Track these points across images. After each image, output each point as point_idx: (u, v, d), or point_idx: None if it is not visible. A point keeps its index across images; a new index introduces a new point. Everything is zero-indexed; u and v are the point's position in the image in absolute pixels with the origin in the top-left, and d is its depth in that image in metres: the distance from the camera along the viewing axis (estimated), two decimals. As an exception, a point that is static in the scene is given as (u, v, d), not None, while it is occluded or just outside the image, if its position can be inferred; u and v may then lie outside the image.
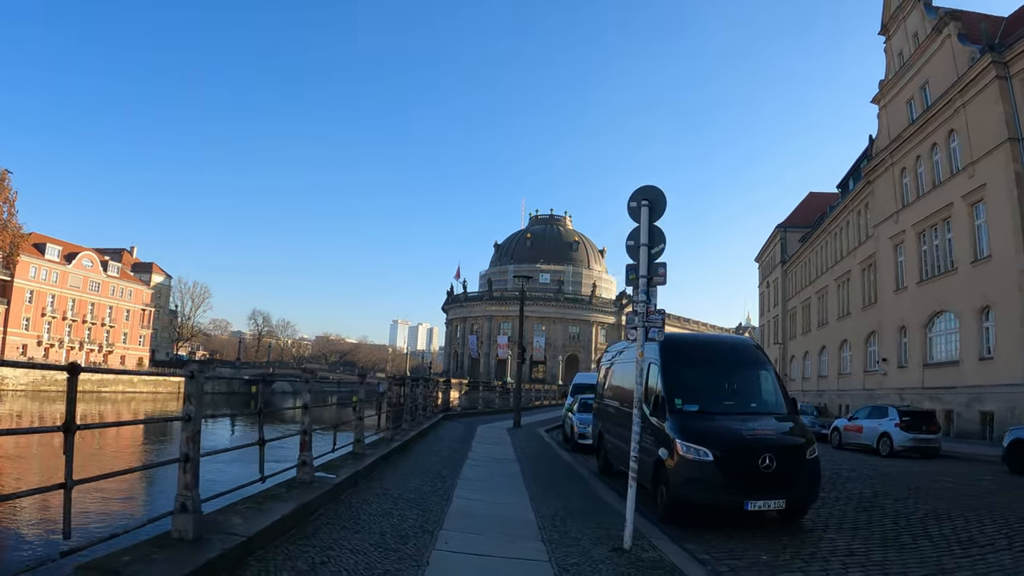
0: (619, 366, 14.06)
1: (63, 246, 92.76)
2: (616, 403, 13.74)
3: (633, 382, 13.30)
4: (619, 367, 14.06)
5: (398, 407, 17.00)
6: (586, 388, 29.24)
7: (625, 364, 13.48)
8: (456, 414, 26.23)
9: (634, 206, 8.21)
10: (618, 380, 13.96)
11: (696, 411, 10.45)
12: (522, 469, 13.63)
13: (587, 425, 19.14)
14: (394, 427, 15.76)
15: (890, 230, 37.45)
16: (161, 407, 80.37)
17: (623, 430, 12.88)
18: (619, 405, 13.45)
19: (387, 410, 13.83)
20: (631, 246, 8.18)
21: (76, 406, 4.16)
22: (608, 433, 14.21)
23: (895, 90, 38.10)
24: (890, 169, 37.86)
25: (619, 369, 14.00)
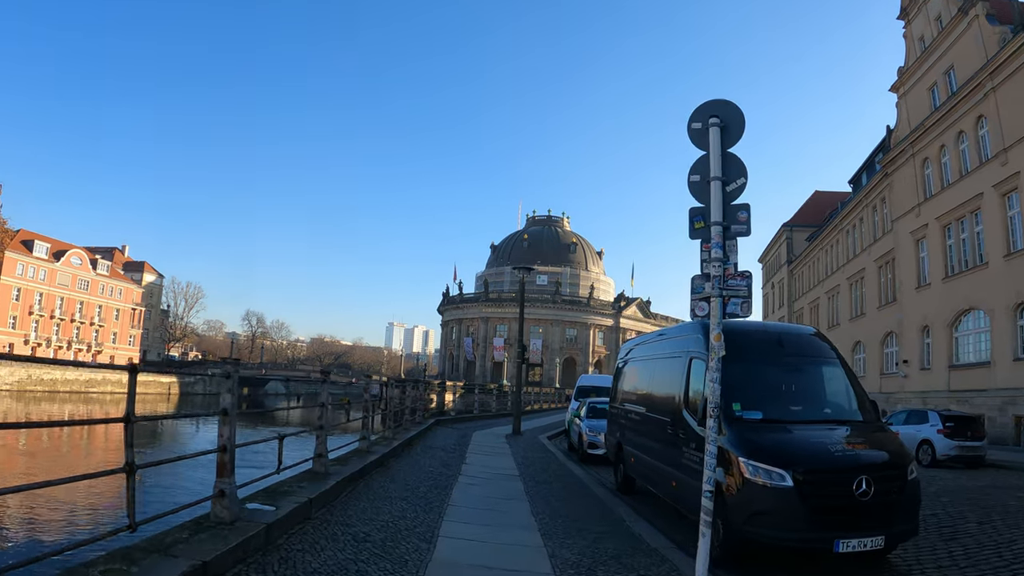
0: (645, 363, 11.48)
1: (52, 243, 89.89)
2: (640, 408, 11.17)
3: (666, 382, 10.74)
4: (645, 365, 11.49)
5: (384, 412, 14.39)
6: (591, 391, 26.67)
7: (655, 361, 10.90)
8: (450, 419, 23.61)
9: (699, 127, 5.65)
10: (644, 380, 11.38)
11: (760, 420, 7.90)
12: (526, 488, 11.04)
13: (598, 433, 16.60)
14: (375, 434, 13.17)
15: (911, 224, 34.99)
16: (151, 408, 77.79)
17: (652, 442, 10.31)
18: (645, 411, 10.88)
19: (364, 416, 11.27)
20: (696, 182, 5.62)
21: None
22: (630, 444, 11.64)
23: (916, 77, 35.68)
24: (911, 160, 35.42)
25: (645, 367, 11.43)
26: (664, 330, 11.33)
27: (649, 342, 11.75)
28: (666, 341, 10.63)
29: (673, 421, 9.28)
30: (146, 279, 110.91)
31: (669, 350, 10.28)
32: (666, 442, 9.45)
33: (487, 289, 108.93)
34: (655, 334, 11.68)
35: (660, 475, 9.72)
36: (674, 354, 9.95)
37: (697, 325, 9.38)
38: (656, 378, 10.68)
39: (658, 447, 9.89)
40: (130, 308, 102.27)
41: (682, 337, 9.83)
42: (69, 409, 66.75)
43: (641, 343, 12.45)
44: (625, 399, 12.56)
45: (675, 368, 9.69)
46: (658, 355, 10.81)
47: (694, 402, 8.81)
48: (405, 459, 12.63)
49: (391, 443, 13.39)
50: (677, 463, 8.88)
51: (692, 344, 9.25)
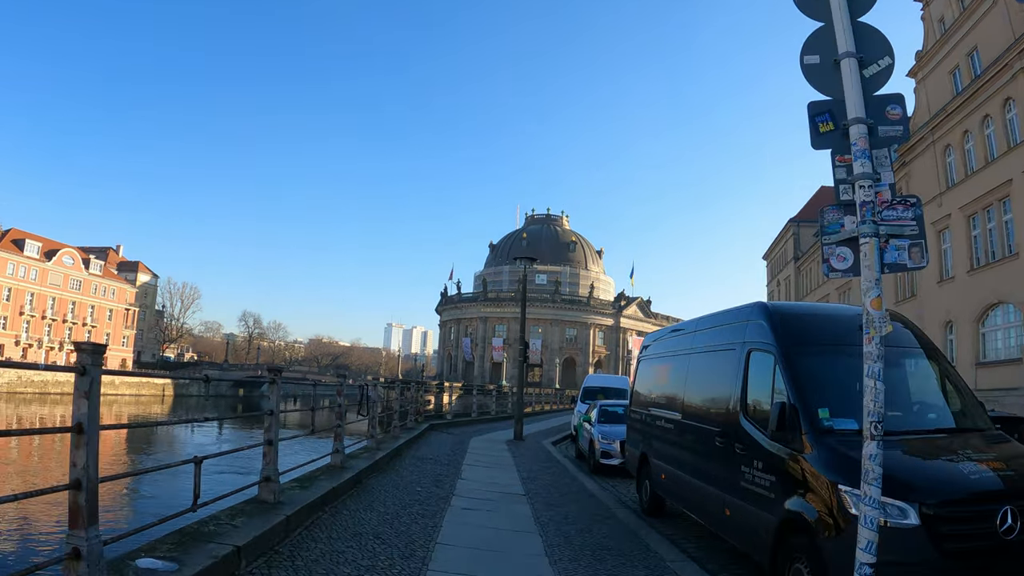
0: (680, 359, 9.38)
1: (43, 242, 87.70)
2: (673, 414, 9.08)
3: (712, 382, 8.52)
4: (680, 360, 9.39)
5: (368, 418, 12.27)
6: (598, 392, 24.61)
7: (696, 356, 8.80)
8: (445, 423, 21.48)
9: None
10: (678, 379, 9.29)
11: (857, 431, 5.84)
12: (535, 513, 8.90)
13: (612, 441, 14.53)
14: (349, 446, 11.07)
15: (932, 215, 32.86)
16: (145, 409, 75.66)
17: (692, 456, 8.21)
18: (680, 418, 8.79)
19: (337, 424, 9.15)
20: (814, 66, 3.55)
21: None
22: (660, 458, 9.56)
23: (936, 60, 33.66)
24: (931, 147, 33.38)
25: (680, 363, 9.33)
26: (706, 317, 9.21)
27: (684, 332, 9.63)
28: (711, 331, 8.53)
29: (724, 431, 7.21)
30: (140, 279, 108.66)
31: (716, 341, 8.19)
32: (714, 458, 7.38)
33: (486, 289, 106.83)
34: (692, 322, 9.57)
35: (705, 499, 7.64)
36: (724, 346, 7.87)
37: (757, 308, 7.30)
38: (697, 376, 8.60)
39: (702, 463, 7.81)
40: (123, 308, 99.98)
41: (735, 324, 7.74)
42: (60, 412, 64.67)
43: (672, 334, 10.33)
44: (651, 402, 10.47)
45: (726, 363, 7.62)
46: (699, 348, 8.71)
47: (756, 407, 6.73)
48: (389, 475, 10.51)
49: (374, 455, 11.29)
50: (732, 486, 6.82)
51: (752, 332, 7.17)
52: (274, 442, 6.54)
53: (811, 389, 6.14)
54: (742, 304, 8.07)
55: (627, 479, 13.90)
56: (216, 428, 53.30)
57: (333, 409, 9.42)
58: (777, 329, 6.72)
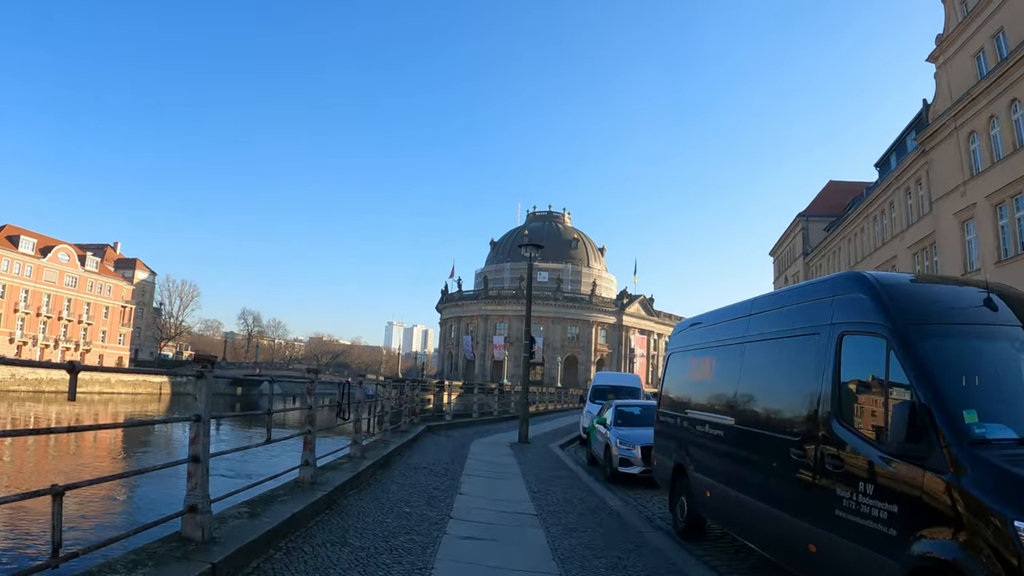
0: (731, 350, 7.58)
1: (38, 239, 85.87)
2: (723, 418, 7.30)
3: (783, 377, 6.23)
4: (730, 352, 7.59)
5: (355, 421, 10.46)
6: (607, 391, 22.77)
7: (755, 345, 7.00)
8: (443, 424, 19.66)
9: None
10: (728, 375, 7.49)
11: (1018, 440, 4.04)
12: (552, 543, 7.08)
13: (631, 446, 12.76)
14: (327, 455, 9.28)
15: (955, 205, 31.11)
16: (142, 408, 73.94)
17: (754, 472, 6.37)
18: (734, 423, 7.00)
19: (307, 430, 7.34)
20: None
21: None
22: (703, 471, 7.77)
23: (958, 44, 31.81)
24: (954, 134, 31.55)
25: (731, 355, 7.53)
26: (765, 297, 7.41)
27: (733, 316, 7.81)
28: (775, 313, 6.73)
29: (806, 441, 5.45)
30: (138, 276, 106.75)
31: (784, 325, 6.39)
32: (790, 475, 5.61)
33: (487, 286, 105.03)
34: (744, 304, 7.75)
35: (775, 528, 5.86)
36: (797, 330, 6.08)
37: (852, 279, 5.51)
38: (757, 371, 6.80)
39: (769, 482, 6.02)
40: (120, 306, 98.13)
41: (814, 302, 5.95)
42: (55, 411, 62.95)
43: (715, 319, 8.50)
44: (688, 403, 8.68)
45: (802, 353, 5.84)
46: (757, 335, 6.92)
47: (859, 410, 4.96)
48: (372, 491, 8.69)
49: (357, 465, 9.48)
50: (821, 514, 5.08)
51: (845, 310, 5.38)
52: (202, 459, 4.74)
53: (949, 383, 4.38)
54: (819, 278, 6.29)
55: (650, 489, 12.14)
56: (214, 427, 51.64)
57: (306, 410, 7.61)
58: (888, 305, 4.93)
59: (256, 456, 21.32)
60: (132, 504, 17.82)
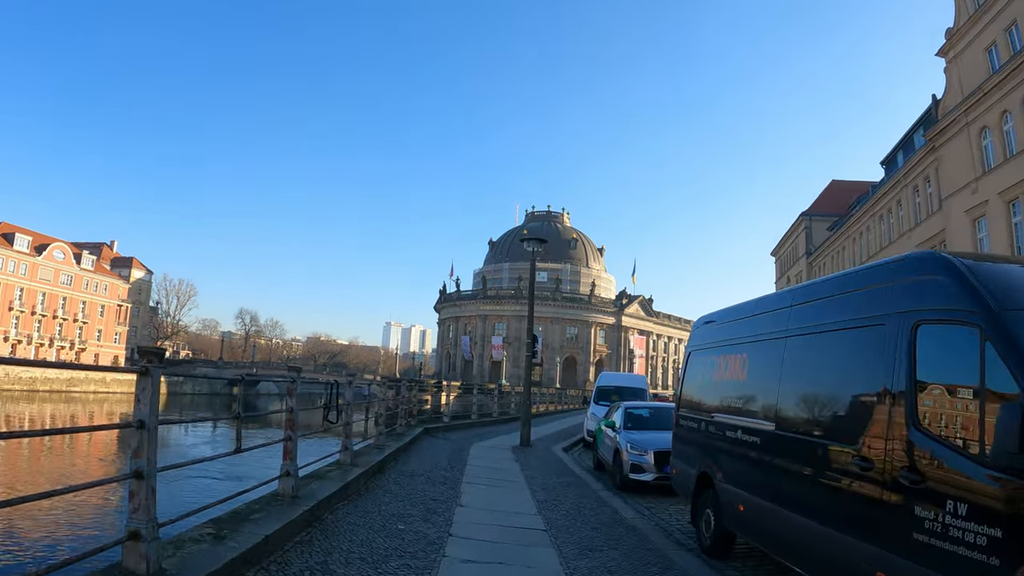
0: (765, 346, 6.67)
1: (33, 236, 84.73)
2: (760, 423, 6.39)
3: (836, 377, 5.12)
4: (764, 348, 6.68)
5: (342, 424, 9.52)
6: (612, 392, 21.90)
7: (796, 340, 6.11)
8: (442, 426, 18.73)
9: None
10: (763, 374, 6.60)
11: None
12: (567, 566, 6.17)
13: (644, 452, 11.85)
14: (312, 463, 8.35)
15: (966, 202, 30.26)
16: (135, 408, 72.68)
17: (798, 484, 5.43)
18: (772, 428, 6.10)
19: (287, 436, 6.41)
20: None
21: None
22: (735, 482, 6.88)
23: (969, 37, 30.95)
24: (965, 130, 30.69)
25: (765, 352, 6.62)
26: (812, 285, 6.47)
27: (775, 309, 6.87)
28: (826, 302, 5.81)
29: (870, 450, 4.57)
30: (134, 275, 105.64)
31: (838, 315, 5.49)
32: (851, 491, 4.73)
33: (485, 286, 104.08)
34: (785, 294, 6.82)
35: (832, 552, 4.97)
36: (856, 321, 5.17)
37: (930, 260, 4.61)
38: (803, 369, 5.89)
39: (823, 497, 5.13)
40: (115, 304, 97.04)
41: (878, 287, 5.06)
42: (49, 410, 61.91)
43: (749, 314, 7.56)
44: (714, 406, 7.77)
45: (865, 348, 4.95)
46: (802, 328, 6.01)
47: (946, 416, 4.07)
48: (362, 504, 7.75)
49: (346, 474, 8.55)
50: (894, 539, 4.22)
51: (919, 296, 4.48)
52: (146, 474, 3.80)
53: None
54: (882, 260, 5.38)
55: (664, 498, 11.24)
56: (211, 428, 50.58)
57: (292, 411, 6.68)
58: (980, 288, 4.03)
59: (252, 456, 20.37)
60: (92, 521, 16.31)
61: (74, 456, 30.09)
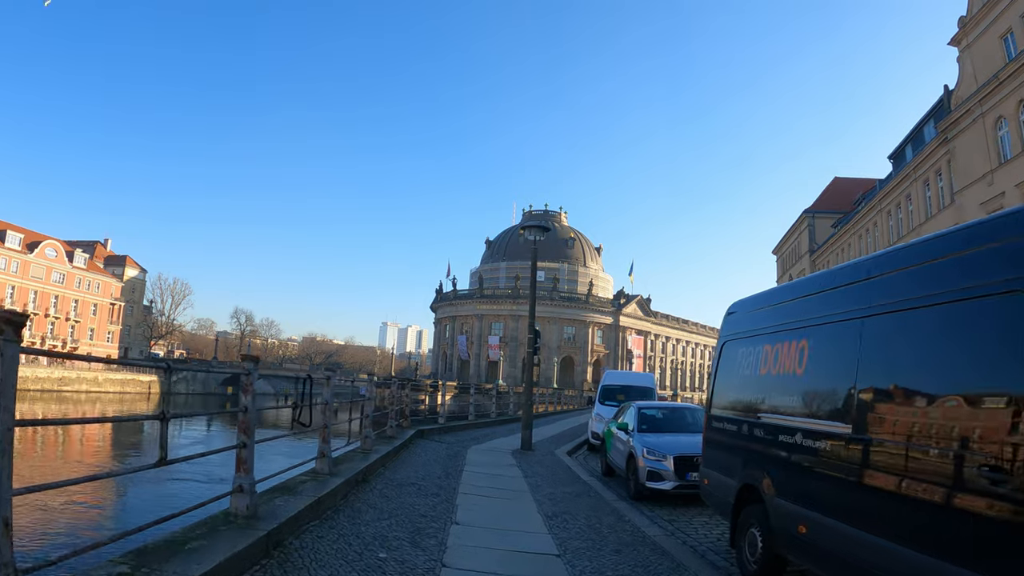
0: (833, 331, 5.40)
1: (25, 234, 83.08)
2: (831, 426, 5.07)
3: (942, 363, 4.36)
4: (831, 333, 5.43)
5: (324, 429, 8.17)
6: (618, 391, 20.54)
7: (878, 321, 4.80)
8: (438, 427, 17.36)
9: None
10: (831, 366, 5.32)
11: None
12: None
13: (662, 457, 10.53)
14: (278, 473, 7.00)
15: (982, 195, 29.00)
16: (129, 407, 71.44)
17: (896, 505, 4.10)
18: (848, 431, 4.79)
19: (243, 443, 5.09)
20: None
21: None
22: (794, 497, 5.55)
23: (983, 25, 29.73)
24: (979, 120, 29.45)
25: (835, 338, 5.35)
26: (904, 248, 5.09)
27: (845, 284, 5.52)
28: (926, 270, 4.47)
29: (1012, 462, 3.27)
30: (128, 273, 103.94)
31: (946, 284, 4.16)
32: (985, 516, 3.44)
33: (482, 285, 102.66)
34: (863, 263, 5.45)
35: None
36: (973, 290, 3.90)
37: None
38: (897, 356, 4.59)
39: (938, 522, 3.82)
40: (108, 303, 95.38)
41: (993, 247, 3.79)
42: (40, 411, 60.38)
43: (807, 293, 6.21)
44: (763, 406, 6.46)
45: (990, 326, 3.68)
46: (895, 303, 4.68)
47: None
48: (339, 524, 6.38)
49: (322, 486, 7.20)
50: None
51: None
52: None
53: None
54: (995, 214, 4.09)
55: (684, 507, 9.93)
56: (205, 426, 49.13)
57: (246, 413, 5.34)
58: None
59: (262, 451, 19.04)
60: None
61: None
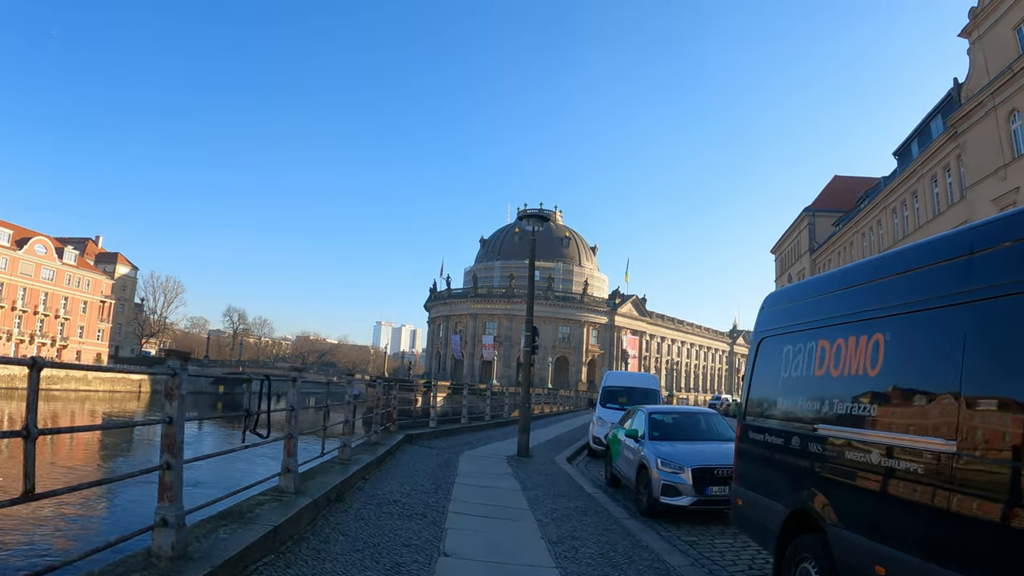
0: (918, 320, 4.09)
1: (14, 230, 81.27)
2: (928, 443, 3.78)
3: None
4: (915, 324, 4.11)
5: (289, 438, 6.88)
6: (620, 393, 19.29)
7: (991, 305, 3.51)
8: (428, 431, 16.06)
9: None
10: (917, 368, 4.00)
11: None
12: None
13: (679, 470, 9.26)
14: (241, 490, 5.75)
15: (995, 190, 27.88)
16: (120, 407, 69.84)
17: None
18: (953, 449, 3.49)
19: (166, 462, 3.87)
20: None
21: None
22: (877, 533, 4.21)
23: (995, 16, 28.59)
24: (991, 113, 28.32)
25: (921, 330, 4.03)
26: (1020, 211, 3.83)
27: (930, 264, 4.19)
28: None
29: None
30: (119, 271, 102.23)
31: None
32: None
33: (476, 284, 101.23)
34: (959, 235, 4.14)
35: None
36: None
37: None
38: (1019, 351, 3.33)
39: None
40: (99, 301, 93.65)
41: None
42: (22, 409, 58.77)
43: (888, 273, 4.93)
44: (820, 414, 5.21)
45: None
46: (1011, 282, 3.44)
47: None
48: (298, 561, 5.06)
49: (285, 508, 5.92)
50: None
51: None
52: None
53: None
54: None
55: (703, 525, 8.69)
56: (196, 426, 47.69)
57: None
58: None
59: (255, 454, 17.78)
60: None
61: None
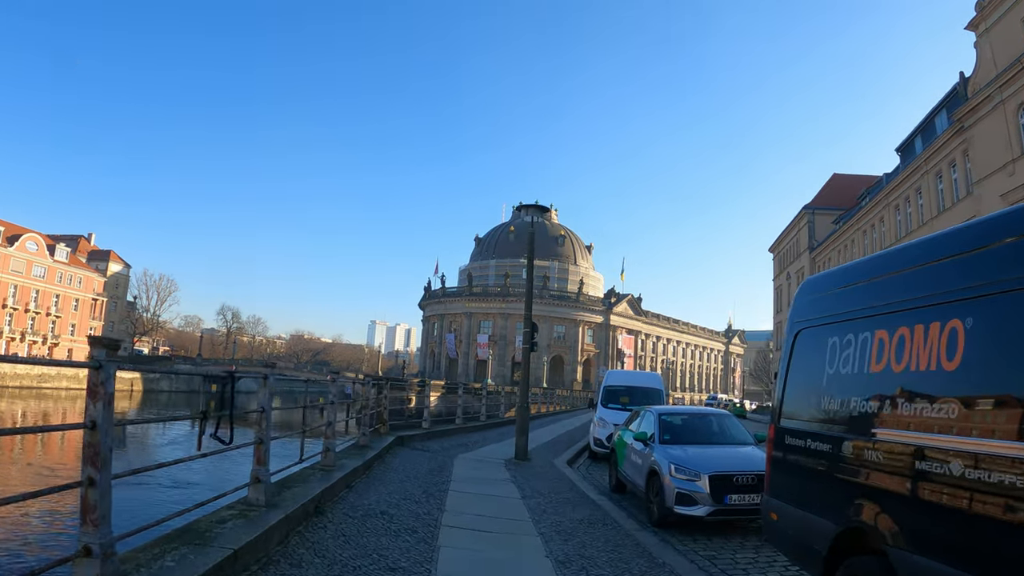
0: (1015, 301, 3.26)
1: (5, 227, 79.99)
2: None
3: None
4: (1008, 306, 3.29)
5: (259, 443, 6.05)
6: (621, 393, 18.46)
7: None
8: (421, 433, 15.19)
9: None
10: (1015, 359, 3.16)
11: None
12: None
13: (695, 477, 8.43)
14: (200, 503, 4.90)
15: (1002, 185, 27.16)
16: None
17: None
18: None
19: (88, 477, 3.07)
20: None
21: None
22: (976, 565, 3.40)
23: (1003, 8, 27.87)
24: (1000, 107, 27.59)
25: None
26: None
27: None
28: None
29: None
30: (112, 269, 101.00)
31: None
32: None
33: (471, 283, 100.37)
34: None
35: None
36: None
37: None
38: None
39: None
40: (90, 298, 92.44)
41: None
42: (20, 409, 57.74)
43: (963, 250, 4.08)
44: (878, 417, 4.38)
45: None
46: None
47: None
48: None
49: (251, 526, 5.07)
50: None
51: None
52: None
53: None
54: None
55: (721, 536, 7.88)
56: (190, 424, 46.70)
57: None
58: None
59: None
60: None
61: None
